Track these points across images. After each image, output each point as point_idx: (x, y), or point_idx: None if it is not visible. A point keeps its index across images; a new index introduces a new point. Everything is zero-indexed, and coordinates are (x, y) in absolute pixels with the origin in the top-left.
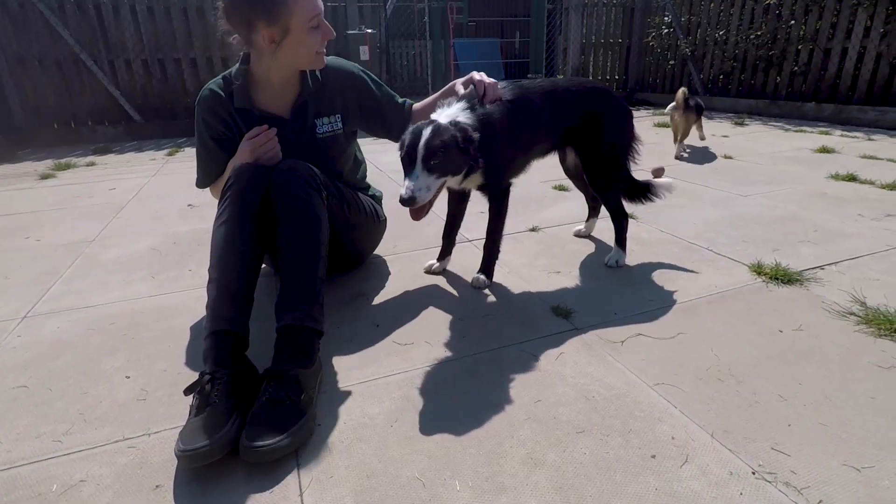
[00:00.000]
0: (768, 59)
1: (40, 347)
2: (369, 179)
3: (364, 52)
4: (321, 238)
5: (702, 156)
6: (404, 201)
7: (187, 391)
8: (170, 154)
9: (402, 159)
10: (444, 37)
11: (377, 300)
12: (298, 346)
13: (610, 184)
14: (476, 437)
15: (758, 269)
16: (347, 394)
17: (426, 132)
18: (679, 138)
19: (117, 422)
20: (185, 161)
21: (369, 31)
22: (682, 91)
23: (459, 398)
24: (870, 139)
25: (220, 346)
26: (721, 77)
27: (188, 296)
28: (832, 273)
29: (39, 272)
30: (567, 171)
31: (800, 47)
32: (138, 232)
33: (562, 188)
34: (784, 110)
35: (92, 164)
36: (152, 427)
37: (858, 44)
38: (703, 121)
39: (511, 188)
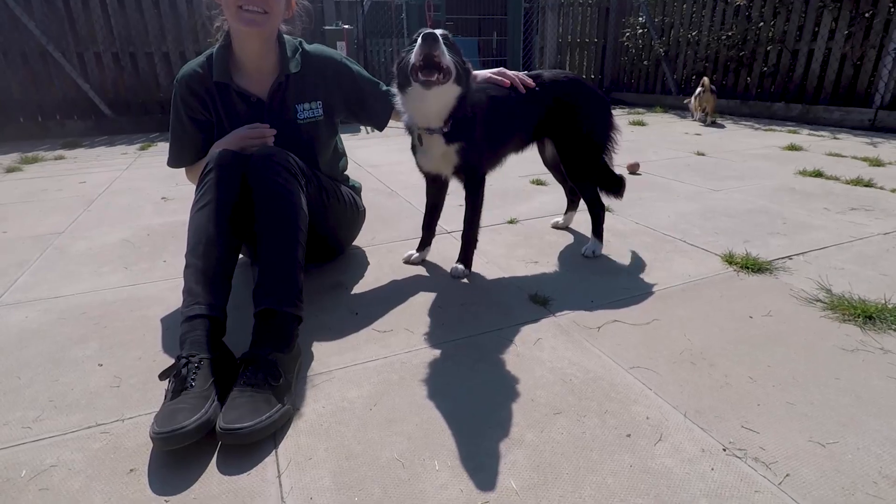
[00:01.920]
0: (739, 59)
1: (7, 337)
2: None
3: (341, 48)
4: (299, 224)
5: (678, 149)
6: (427, 34)
7: (163, 375)
8: (142, 148)
9: (411, 46)
10: None
11: (356, 289)
12: (276, 331)
13: (586, 174)
14: (455, 419)
15: (729, 259)
16: (327, 379)
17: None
18: (707, 112)
19: (89, 408)
20: (158, 155)
21: (346, 27)
22: (705, 78)
23: (439, 382)
24: (835, 138)
25: (198, 330)
26: (694, 77)
27: (163, 286)
28: (800, 262)
29: (6, 263)
30: (546, 163)
31: (769, 48)
32: (110, 224)
33: (539, 182)
34: (754, 110)
35: (61, 157)
36: (126, 413)
37: (824, 45)
38: (677, 118)
39: (486, 179)
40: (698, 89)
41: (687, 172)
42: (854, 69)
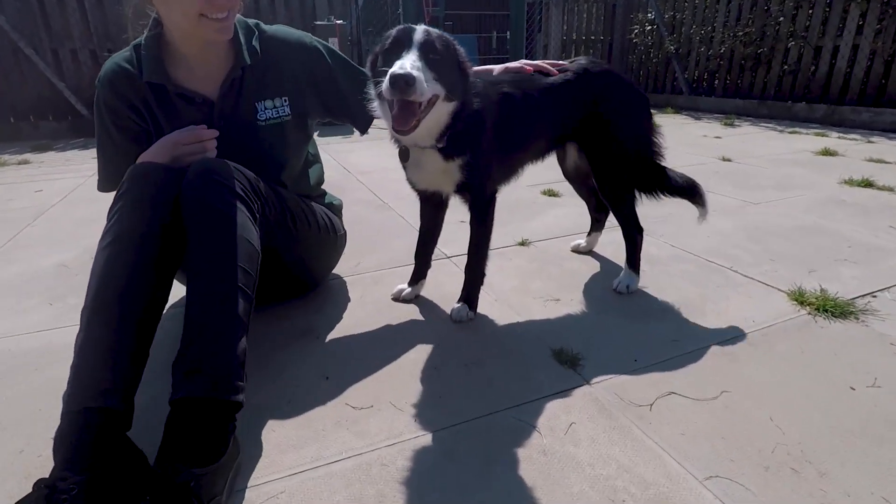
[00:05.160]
0: (756, 57)
1: None
2: (331, 184)
3: (333, 45)
4: (245, 266)
5: (700, 154)
6: (396, 78)
7: None
8: None
9: (388, 48)
10: None
11: (331, 338)
12: (199, 433)
13: (624, 190)
14: None
15: (799, 298)
16: (273, 495)
17: (421, 26)
18: None
19: None
20: None
21: (339, 22)
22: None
23: (434, 500)
24: (869, 141)
25: (81, 433)
26: (707, 76)
27: None
28: (886, 301)
29: None
30: (567, 174)
31: (789, 45)
32: (51, 243)
33: (552, 193)
34: (773, 111)
35: (25, 162)
36: None
37: (851, 41)
38: (691, 120)
39: (497, 196)
40: None
41: (717, 181)
42: (885, 66)
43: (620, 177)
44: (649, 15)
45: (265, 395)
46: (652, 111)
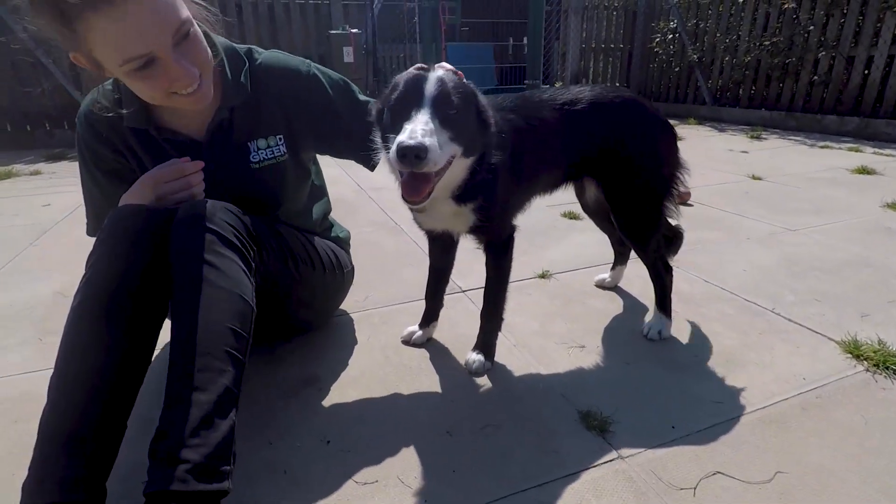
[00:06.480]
0: (784, 67)
1: None
2: (344, 203)
3: (348, 54)
4: (236, 327)
5: (727, 171)
6: (406, 150)
7: None
8: None
9: (394, 103)
10: (434, 39)
11: (333, 391)
12: None
13: (648, 230)
14: None
15: (854, 350)
16: None
17: (434, 74)
18: None
19: None
20: None
21: (354, 31)
22: None
23: None
24: None
25: None
26: (731, 86)
27: None
28: None
29: None
30: (586, 208)
31: (819, 55)
32: (51, 266)
33: (573, 216)
34: (802, 123)
35: (37, 172)
36: None
37: (886, 51)
38: (714, 132)
39: (515, 234)
40: None
41: (748, 203)
42: None
43: (643, 218)
44: (671, 23)
45: (260, 463)
46: (673, 122)
